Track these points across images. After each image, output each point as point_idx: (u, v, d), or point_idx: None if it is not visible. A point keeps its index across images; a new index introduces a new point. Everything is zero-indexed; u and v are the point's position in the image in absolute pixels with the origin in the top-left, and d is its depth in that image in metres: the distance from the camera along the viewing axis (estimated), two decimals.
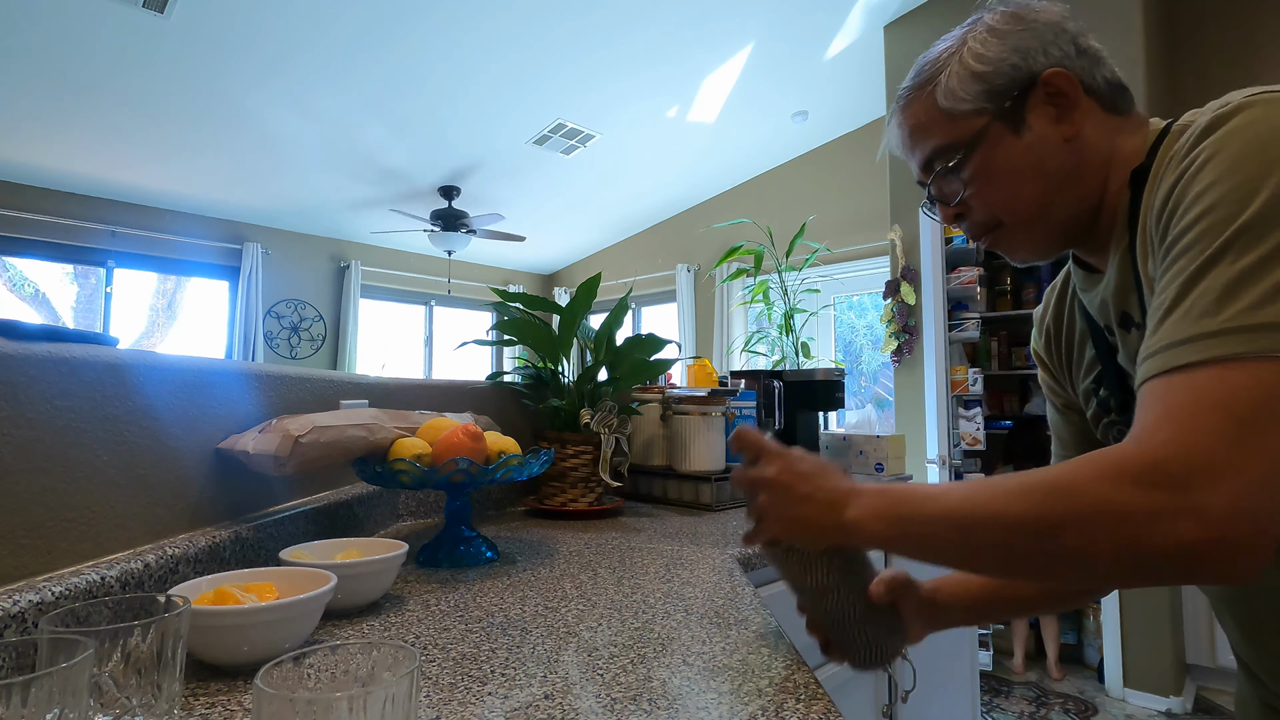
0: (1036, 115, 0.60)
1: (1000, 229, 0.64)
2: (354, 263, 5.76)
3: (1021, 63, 0.60)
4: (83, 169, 4.28)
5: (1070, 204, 0.61)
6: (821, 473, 0.56)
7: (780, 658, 0.59)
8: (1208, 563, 0.40)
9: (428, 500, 1.26)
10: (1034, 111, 0.60)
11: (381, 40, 3.33)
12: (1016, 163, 0.60)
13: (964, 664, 1.61)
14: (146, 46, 3.20)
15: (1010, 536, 0.45)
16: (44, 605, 0.50)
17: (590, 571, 0.88)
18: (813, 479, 0.56)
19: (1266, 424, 0.40)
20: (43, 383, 0.57)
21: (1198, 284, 0.45)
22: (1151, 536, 0.41)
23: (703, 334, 5.68)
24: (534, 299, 1.30)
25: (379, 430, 0.91)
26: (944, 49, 0.64)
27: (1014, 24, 0.61)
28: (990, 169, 0.61)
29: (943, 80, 0.62)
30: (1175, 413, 0.43)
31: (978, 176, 0.62)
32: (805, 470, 0.57)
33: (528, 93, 3.89)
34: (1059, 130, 0.60)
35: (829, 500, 0.54)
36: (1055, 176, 0.60)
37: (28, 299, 4.66)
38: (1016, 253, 0.66)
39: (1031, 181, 0.60)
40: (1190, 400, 0.42)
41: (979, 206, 0.64)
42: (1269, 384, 0.41)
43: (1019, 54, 0.60)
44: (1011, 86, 0.60)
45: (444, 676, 0.55)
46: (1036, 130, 0.60)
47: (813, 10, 3.38)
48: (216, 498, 0.79)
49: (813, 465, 0.57)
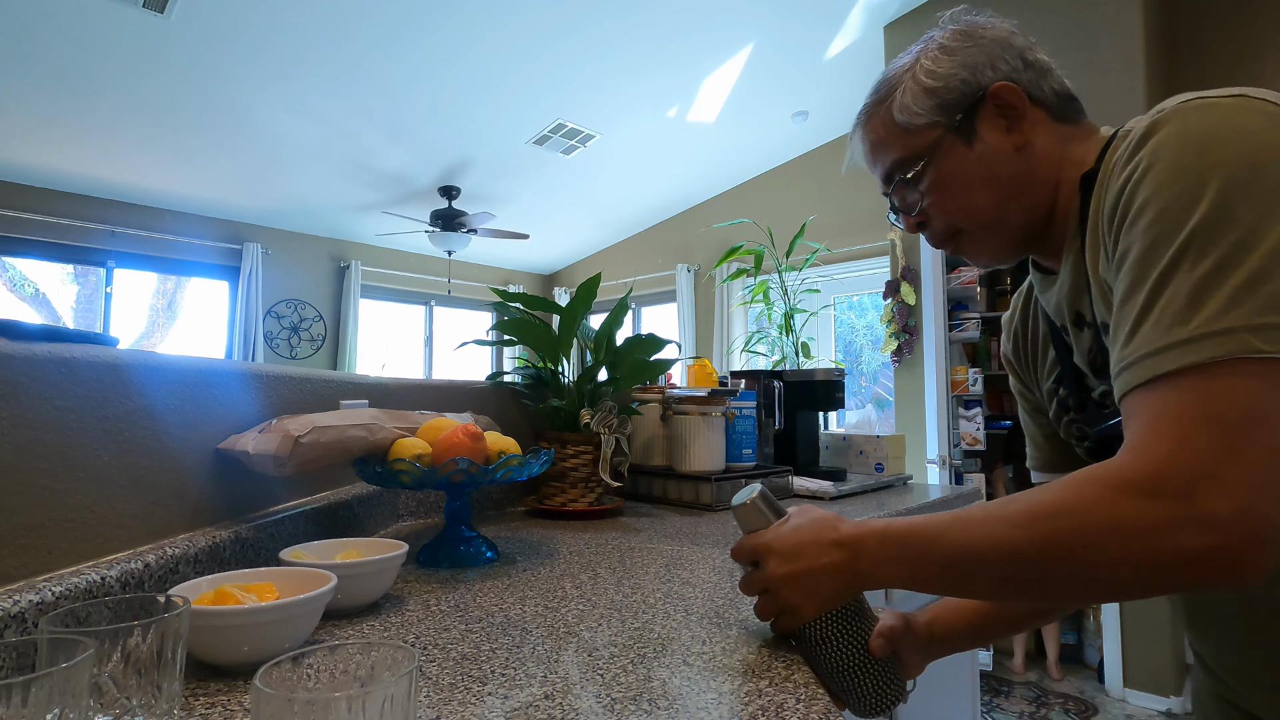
0: (987, 127, 0.63)
1: (960, 235, 0.67)
2: (354, 263, 5.76)
3: (970, 77, 0.63)
4: (83, 169, 4.28)
5: (1024, 210, 0.63)
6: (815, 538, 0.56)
7: (780, 658, 0.59)
8: (1217, 568, 0.41)
9: (428, 500, 1.26)
10: (985, 123, 0.63)
11: (382, 40, 3.33)
12: (970, 172, 0.63)
13: (964, 664, 1.61)
14: (147, 46, 3.20)
15: (1022, 568, 0.46)
16: (44, 605, 0.50)
17: (590, 571, 0.88)
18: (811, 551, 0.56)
19: (1253, 426, 0.41)
20: (43, 383, 0.57)
21: (1162, 293, 0.46)
22: (1162, 547, 0.42)
23: (703, 334, 5.68)
24: (534, 299, 1.30)
25: (379, 430, 0.91)
26: (899, 66, 0.68)
27: (963, 41, 0.65)
28: (945, 179, 0.64)
29: (898, 96, 0.66)
30: (1164, 424, 0.44)
31: (934, 187, 0.65)
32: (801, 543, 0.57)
33: (528, 93, 3.89)
34: (1009, 140, 0.62)
35: (837, 566, 0.55)
36: (1008, 184, 0.63)
37: (28, 299, 4.66)
38: (978, 258, 0.68)
39: (985, 189, 0.63)
40: (1177, 410, 0.43)
41: (937, 215, 0.66)
42: (1247, 387, 0.42)
43: (968, 69, 0.63)
44: (962, 100, 0.63)
45: (444, 676, 0.55)
46: (988, 141, 0.63)
47: (813, 10, 3.37)
48: (216, 498, 0.79)
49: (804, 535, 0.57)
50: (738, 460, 1.48)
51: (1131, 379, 0.47)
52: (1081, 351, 0.66)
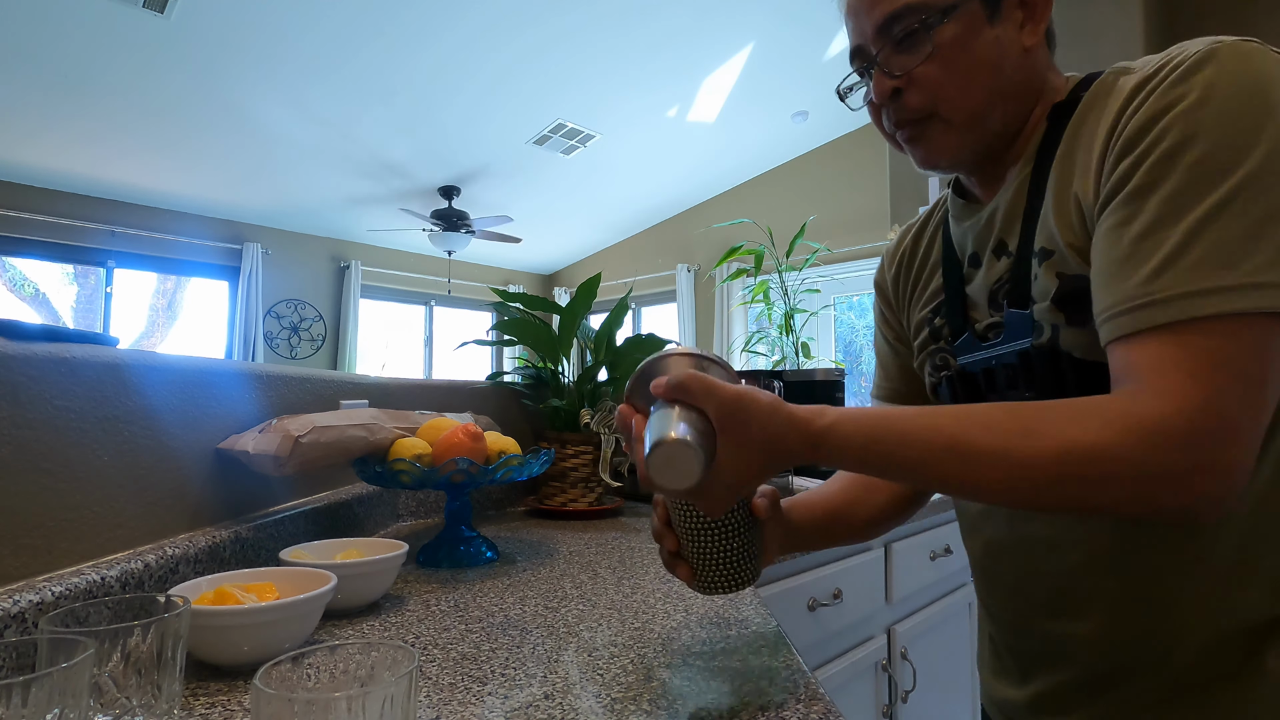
0: (1009, 12, 0.58)
1: (930, 122, 0.60)
2: (354, 263, 5.76)
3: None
4: (83, 169, 4.28)
5: (1006, 116, 0.60)
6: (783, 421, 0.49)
7: (780, 658, 0.59)
8: (1208, 513, 0.43)
9: (428, 500, 1.26)
10: (1008, 7, 0.58)
11: (382, 41, 3.33)
12: (981, 52, 0.57)
13: (964, 664, 1.61)
14: (146, 46, 3.20)
15: (1016, 477, 0.45)
16: (44, 605, 0.50)
17: (590, 571, 0.88)
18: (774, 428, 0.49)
19: (1267, 382, 0.43)
20: (43, 383, 0.57)
21: (1203, 234, 0.44)
22: (1178, 495, 0.42)
23: (703, 334, 5.68)
24: (534, 299, 1.30)
25: (379, 430, 0.91)
26: None
27: None
28: (956, 47, 0.57)
29: None
30: (1203, 371, 0.43)
31: (942, 51, 0.57)
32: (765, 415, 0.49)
33: (527, 93, 3.89)
34: (1021, 37, 0.59)
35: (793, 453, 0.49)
36: (1007, 81, 0.59)
37: (28, 299, 4.66)
38: (935, 154, 0.62)
39: (986, 76, 0.58)
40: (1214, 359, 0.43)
41: (923, 88, 0.59)
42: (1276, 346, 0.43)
43: None
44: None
45: (444, 676, 0.55)
46: (1007, 28, 0.58)
47: (813, 10, 3.37)
48: (216, 498, 0.79)
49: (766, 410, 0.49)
50: None
51: (1165, 315, 0.45)
52: (985, 282, 0.64)
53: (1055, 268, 0.55)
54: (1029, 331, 0.58)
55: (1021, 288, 0.59)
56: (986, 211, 0.63)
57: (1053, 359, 0.57)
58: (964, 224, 0.67)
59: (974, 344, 0.65)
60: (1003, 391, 0.63)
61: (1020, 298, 0.59)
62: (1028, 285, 0.58)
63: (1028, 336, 0.58)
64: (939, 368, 0.71)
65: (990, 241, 0.63)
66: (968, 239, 0.67)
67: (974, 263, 0.66)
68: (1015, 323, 0.60)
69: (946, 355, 0.69)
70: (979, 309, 0.65)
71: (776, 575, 1.07)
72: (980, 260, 0.65)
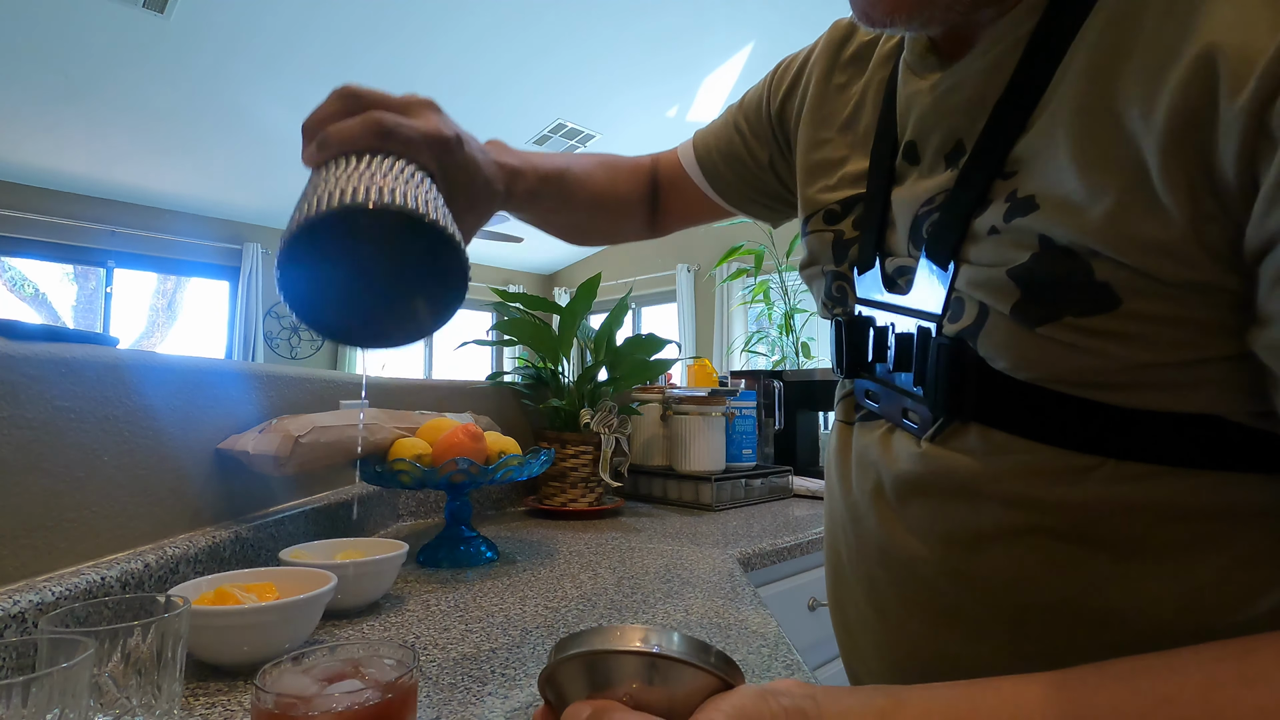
0: None
1: None
2: None
3: None
4: (83, 169, 4.28)
5: None
6: None
7: (780, 658, 0.59)
8: None
9: (428, 500, 1.26)
10: None
11: (381, 41, 3.33)
12: None
13: None
14: (147, 47, 3.20)
15: None
16: (44, 605, 0.50)
17: (590, 571, 0.88)
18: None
19: None
20: (43, 383, 0.57)
21: None
22: None
23: (703, 334, 5.68)
24: (534, 299, 1.30)
25: (379, 430, 0.91)
26: None
27: None
28: None
29: None
30: None
31: None
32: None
33: (527, 93, 3.89)
34: None
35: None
36: None
37: (28, 299, 4.67)
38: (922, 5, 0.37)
39: None
40: None
41: None
42: None
43: None
44: None
45: (444, 676, 0.55)
46: None
47: (813, 10, 3.37)
48: (216, 498, 0.79)
49: None
50: (738, 460, 1.48)
51: None
52: (913, 193, 0.42)
53: (1039, 226, 0.33)
54: (941, 304, 0.38)
55: (953, 228, 0.38)
56: (946, 80, 0.41)
57: (956, 361, 0.37)
58: (914, 85, 0.44)
59: (877, 285, 0.45)
60: (889, 377, 0.44)
61: (946, 242, 0.38)
62: (964, 226, 0.37)
63: (937, 311, 0.39)
64: (835, 298, 0.50)
65: (939, 132, 0.41)
66: (911, 113, 0.44)
67: (910, 155, 0.44)
68: (925, 282, 0.40)
69: (846, 286, 0.49)
70: (897, 233, 0.44)
71: (777, 575, 1.07)
72: (919, 156, 0.43)
